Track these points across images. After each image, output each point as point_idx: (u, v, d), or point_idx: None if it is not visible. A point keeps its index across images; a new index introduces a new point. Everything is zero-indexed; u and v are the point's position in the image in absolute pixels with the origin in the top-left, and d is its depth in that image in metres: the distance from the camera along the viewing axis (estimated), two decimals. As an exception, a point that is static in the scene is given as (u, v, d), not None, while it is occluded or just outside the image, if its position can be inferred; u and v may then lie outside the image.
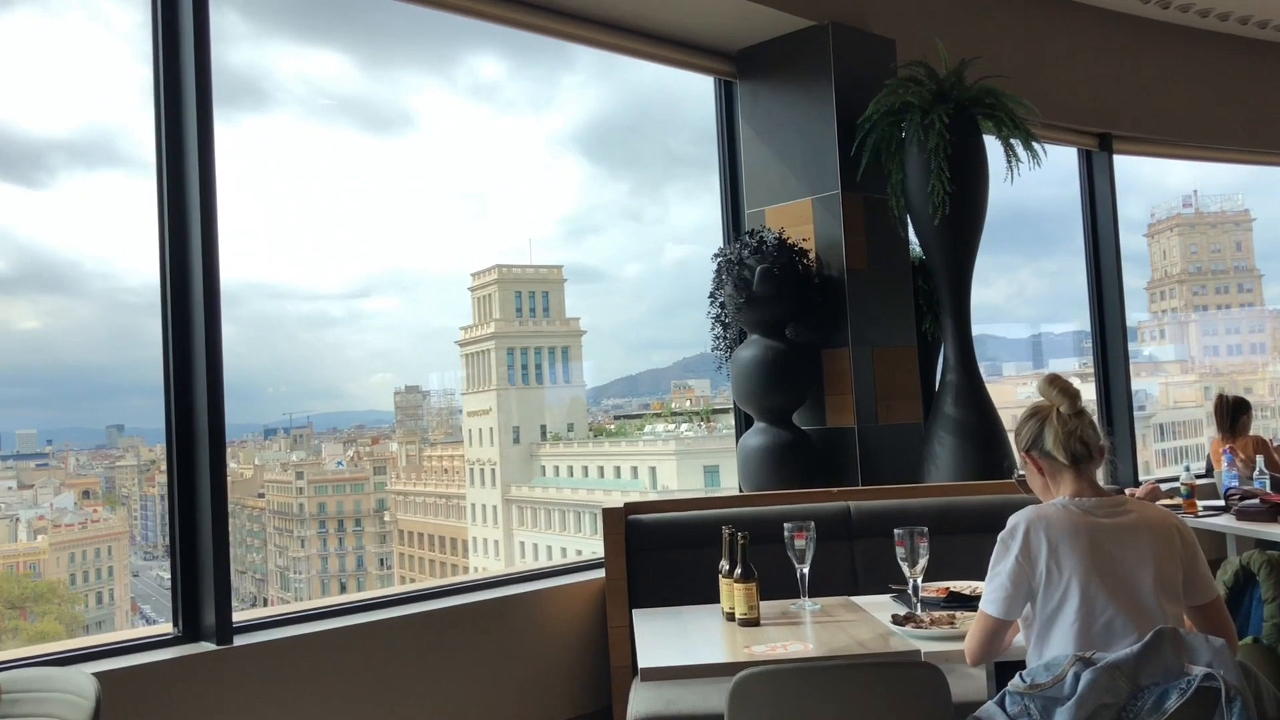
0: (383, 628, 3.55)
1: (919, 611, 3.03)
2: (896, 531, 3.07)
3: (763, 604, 3.25)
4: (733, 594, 3.08)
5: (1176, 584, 2.43)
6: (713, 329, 4.71)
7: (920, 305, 4.90)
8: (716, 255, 4.68)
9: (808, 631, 3.01)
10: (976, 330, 4.76)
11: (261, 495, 31.75)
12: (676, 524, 4.12)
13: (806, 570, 3.25)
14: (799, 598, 3.22)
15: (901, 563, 3.07)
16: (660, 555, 4.01)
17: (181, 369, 3.31)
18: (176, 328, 3.31)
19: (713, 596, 3.19)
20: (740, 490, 4.73)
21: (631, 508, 4.13)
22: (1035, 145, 4.51)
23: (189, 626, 3.24)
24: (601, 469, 26.79)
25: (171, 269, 3.31)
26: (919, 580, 3.07)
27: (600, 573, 4.01)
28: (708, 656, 2.80)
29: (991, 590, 2.49)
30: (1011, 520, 2.52)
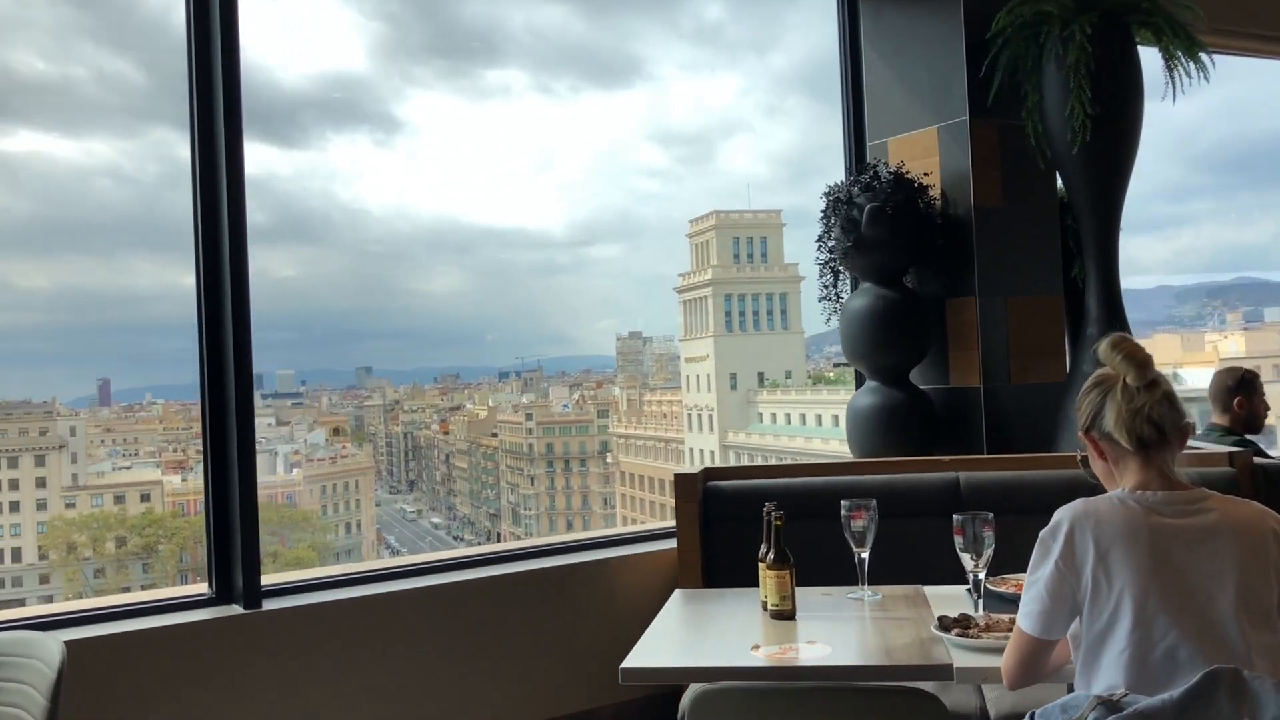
0: (425, 595, 3.39)
1: (979, 612, 2.57)
2: (955, 517, 2.61)
3: (822, 590, 2.89)
4: (764, 581, 2.71)
5: (1269, 605, 1.89)
6: (821, 276, 4.25)
7: (1070, 248, 4.25)
8: (825, 193, 4.20)
9: (842, 630, 2.60)
10: (1231, 275, 4.07)
11: (495, 435, 33.09)
12: (760, 492, 3.71)
13: (866, 555, 2.85)
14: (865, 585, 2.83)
15: (961, 554, 2.60)
16: (741, 527, 3.63)
17: (213, 328, 3.22)
18: (209, 285, 3.21)
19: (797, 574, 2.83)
20: (852, 456, 4.28)
21: (711, 473, 3.79)
22: (1203, 56, 3.77)
23: (221, 588, 3.17)
24: (820, 417, 26.20)
25: (203, 220, 3.20)
26: (981, 575, 2.60)
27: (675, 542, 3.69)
28: (703, 656, 2.44)
29: (1027, 602, 2.02)
30: (1055, 516, 2.03)
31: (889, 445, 4.07)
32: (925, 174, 4.11)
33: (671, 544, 3.77)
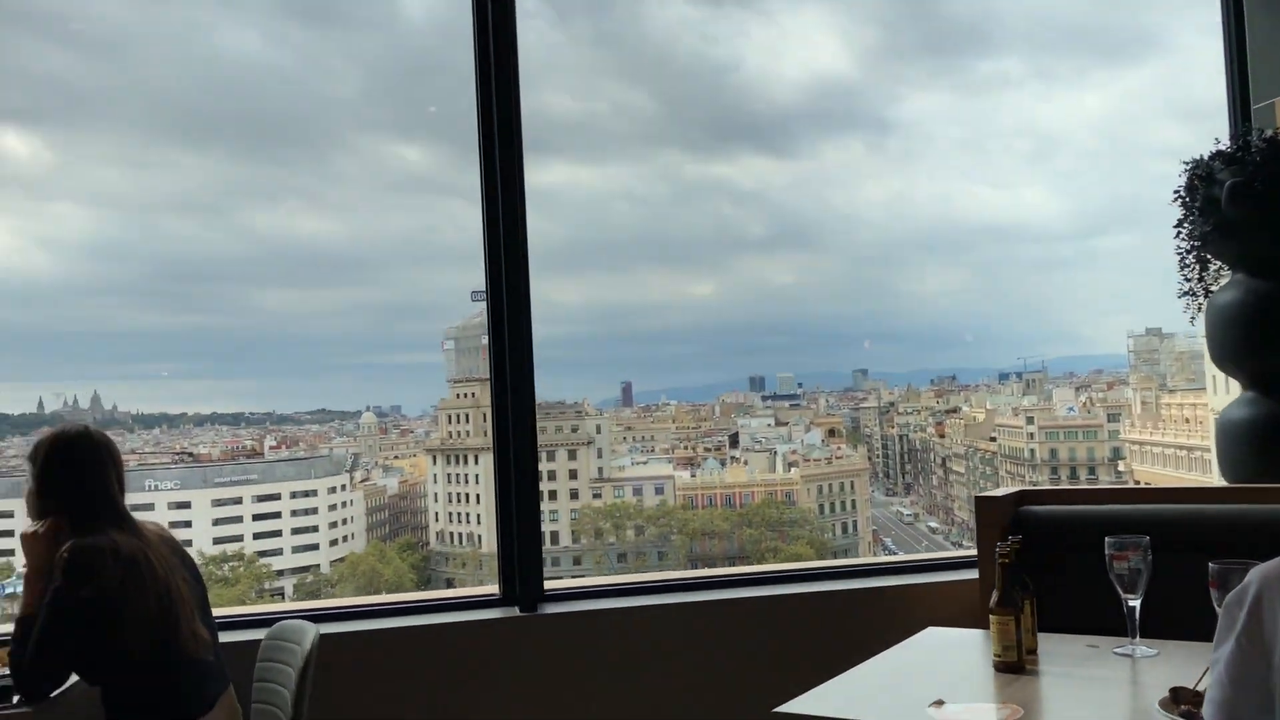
0: (704, 609, 3.37)
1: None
2: (1211, 566, 2.12)
3: (1087, 641, 2.51)
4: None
5: None
6: (1182, 268, 3.61)
7: None
8: (1183, 169, 3.56)
9: (1072, 692, 2.21)
10: None
11: (993, 439, 31.78)
12: (1083, 520, 3.27)
13: (1136, 604, 2.41)
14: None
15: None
16: (1061, 559, 3.21)
17: (497, 345, 3.43)
18: (493, 304, 3.44)
19: (1116, 618, 2.50)
20: (1223, 479, 3.59)
21: (1026, 496, 3.38)
22: None
23: (507, 590, 3.39)
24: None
25: (488, 242, 3.44)
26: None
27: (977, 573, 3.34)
28: (873, 708, 2.18)
29: (1210, 686, 1.60)
30: (1247, 575, 1.59)
31: (1267, 467, 3.36)
32: (1314, 137, 3.35)
33: (973, 575, 3.42)
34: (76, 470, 2.65)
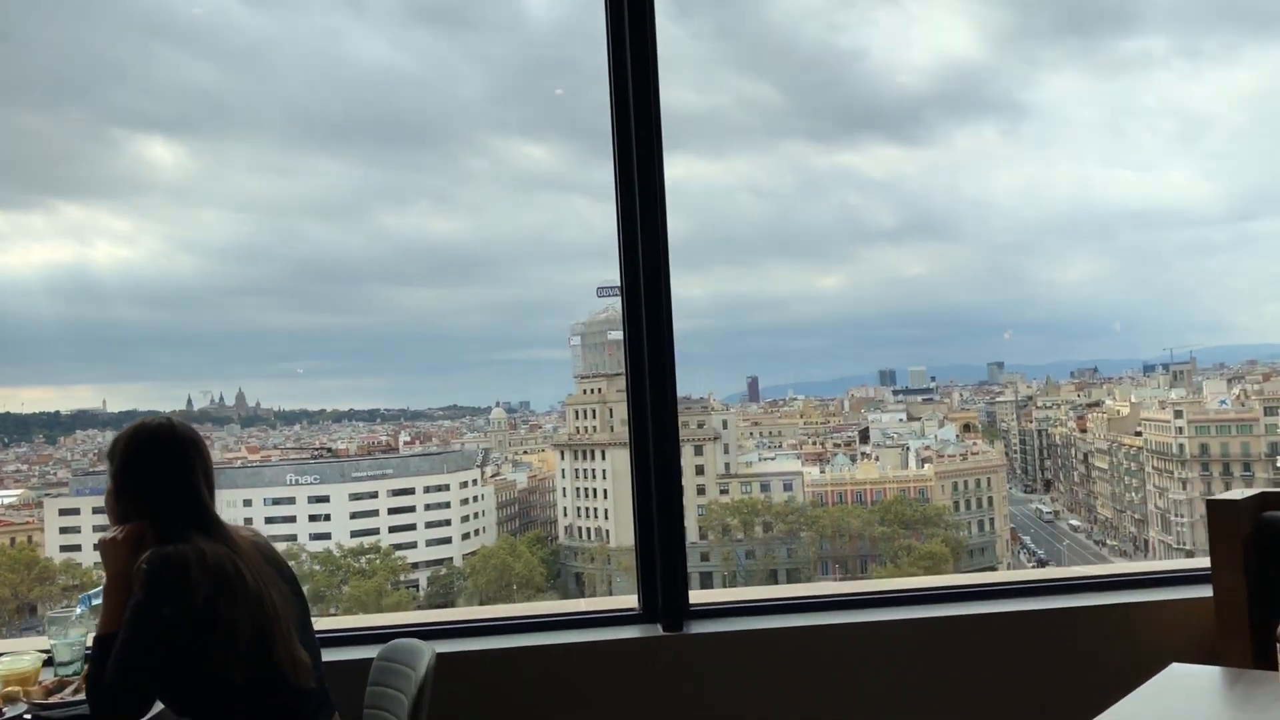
0: (870, 630, 2.96)
1: None
2: None
3: None
4: None
5: None
6: None
7: None
8: None
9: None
10: None
11: (1138, 433, 30.41)
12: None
13: None
14: None
15: None
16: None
17: (635, 349, 3.06)
18: (630, 307, 3.06)
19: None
20: None
21: (1269, 500, 2.82)
22: None
23: (648, 604, 3.02)
24: None
25: (624, 241, 3.07)
26: None
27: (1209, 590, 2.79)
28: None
29: None
30: None
31: None
32: None
33: (1205, 591, 2.86)
34: (158, 468, 2.31)
